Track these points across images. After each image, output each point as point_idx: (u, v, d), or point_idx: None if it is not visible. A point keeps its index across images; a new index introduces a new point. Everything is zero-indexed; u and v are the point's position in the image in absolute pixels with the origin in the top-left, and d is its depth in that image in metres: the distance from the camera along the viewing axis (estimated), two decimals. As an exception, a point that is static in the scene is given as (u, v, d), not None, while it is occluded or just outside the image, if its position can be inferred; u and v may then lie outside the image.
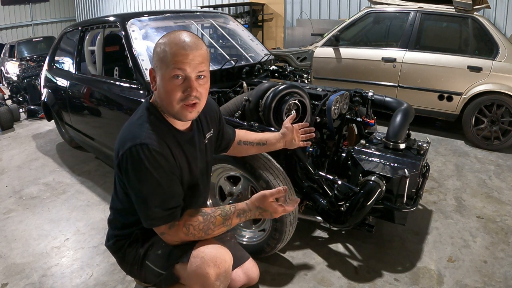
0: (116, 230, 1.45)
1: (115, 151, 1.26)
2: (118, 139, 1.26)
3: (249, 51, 2.96)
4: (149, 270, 1.38)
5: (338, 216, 1.82)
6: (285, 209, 1.28)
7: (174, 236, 1.26)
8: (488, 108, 3.59)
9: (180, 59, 1.17)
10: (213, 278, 1.23)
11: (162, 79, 1.20)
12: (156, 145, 1.19)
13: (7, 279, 1.95)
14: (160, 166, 1.19)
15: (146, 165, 1.17)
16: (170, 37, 1.21)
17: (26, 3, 13.20)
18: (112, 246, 1.45)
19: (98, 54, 3.02)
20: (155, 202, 1.20)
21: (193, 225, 1.24)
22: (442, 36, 4.20)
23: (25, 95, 5.83)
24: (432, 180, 2.92)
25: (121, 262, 1.47)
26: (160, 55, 1.20)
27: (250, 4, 8.05)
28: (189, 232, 1.24)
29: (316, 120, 2.18)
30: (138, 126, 1.24)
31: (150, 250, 1.37)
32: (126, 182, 1.24)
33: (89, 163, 3.51)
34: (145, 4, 10.93)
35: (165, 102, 1.24)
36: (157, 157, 1.18)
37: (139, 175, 1.18)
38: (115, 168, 1.28)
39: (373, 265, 1.95)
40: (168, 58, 1.18)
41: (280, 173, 1.79)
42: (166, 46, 1.19)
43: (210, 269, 1.23)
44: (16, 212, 2.67)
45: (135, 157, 1.17)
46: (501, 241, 2.14)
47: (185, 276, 1.28)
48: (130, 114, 2.39)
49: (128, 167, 1.19)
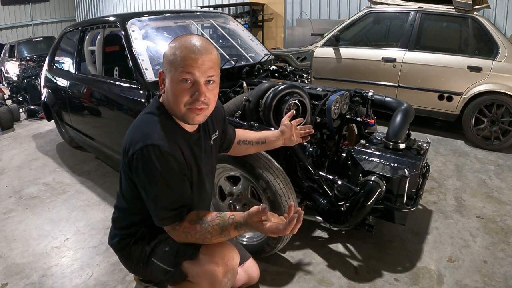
0: (120, 229, 1.45)
1: (123, 148, 1.26)
2: (128, 137, 1.26)
3: (249, 51, 2.96)
4: (155, 267, 1.38)
5: (338, 216, 1.82)
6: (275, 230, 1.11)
7: (177, 236, 1.27)
8: (488, 108, 3.59)
9: (190, 63, 1.17)
10: (221, 275, 1.24)
11: (171, 82, 1.21)
12: (167, 146, 1.19)
13: (7, 279, 1.95)
14: (170, 167, 1.19)
15: (157, 166, 1.17)
16: (181, 41, 1.21)
17: (26, 3, 13.20)
18: (117, 245, 1.45)
19: (98, 54, 3.02)
20: (163, 203, 1.21)
21: (190, 232, 1.23)
22: (442, 36, 4.20)
23: (25, 95, 5.83)
24: (432, 180, 2.92)
25: (126, 260, 1.46)
26: (170, 58, 1.20)
27: (250, 4, 8.05)
28: (187, 238, 1.25)
29: (316, 120, 2.18)
30: (149, 126, 1.24)
31: (157, 247, 1.37)
32: (136, 181, 1.24)
33: (89, 163, 3.51)
34: (145, 4, 10.93)
35: (172, 105, 1.24)
36: (168, 158, 1.18)
37: (149, 176, 1.19)
38: (123, 165, 1.28)
39: (373, 265, 1.95)
40: (177, 61, 1.17)
41: (280, 173, 1.79)
42: (177, 50, 1.19)
43: (219, 267, 1.24)
44: (16, 212, 2.67)
45: (146, 158, 1.17)
46: (501, 241, 2.14)
47: (193, 273, 1.29)
48: (130, 114, 2.44)
49: (139, 167, 1.19)
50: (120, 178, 1.38)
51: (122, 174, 1.32)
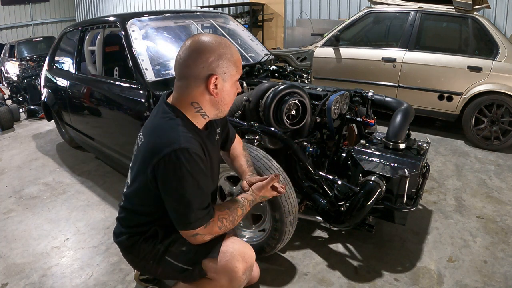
0: (128, 228, 1.45)
1: (146, 155, 1.25)
2: (149, 144, 1.26)
3: (249, 51, 2.96)
4: (169, 265, 1.40)
5: (338, 216, 1.82)
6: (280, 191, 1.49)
7: (206, 235, 1.29)
8: (488, 108, 3.59)
9: (240, 64, 1.31)
10: (241, 272, 1.32)
11: (232, 83, 1.31)
12: (195, 148, 1.23)
13: (7, 279, 1.95)
14: (200, 168, 1.23)
15: (188, 169, 1.19)
16: (225, 42, 1.28)
17: (26, 3, 13.19)
18: (125, 242, 1.44)
19: (98, 54, 3.02)
20: (197, 204, 1.24)
21: (225, 217, 1.33)
22: (442, 36, 4.20)
23: (25, 95, 5.83)
24: (432, 180, 2.92)
25: (133, 258, 1.46)
26: (230, 58, 1.27)
27: (250, 4, 8.05)
28: (222, 225, 1.32)
29: (316, 120, 2.18)
30: (171, 130, 1.24)
31: (172, 246, 1.39)
32: (162, 187, 1.24)
33: (89, 163, 3.51)
34: (145, 4, 10.93)
35: (225, 105, 1.33)
36: (197, 159, 1.22)
37: (180, 180, 1.20)
38: (143, 171, 1.27)
39: (373, 265, 1.95)
40: (236, 61, 1.29)
41: (280, 173, 1.79)
42: (231, 50, 1.27)
43: (239, 264, 1.32)
44: (16, 212, 2.67)
45: (175, 162, 1.18)
46: (501, 241, 2.14)
47: (213, 270, 1.34)
48: (130, 114, 2.44)
49: (168, 173, 1.20)
50: (130, 181, 1.39)
51: (141, 179, 1.31)
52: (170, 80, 2.32)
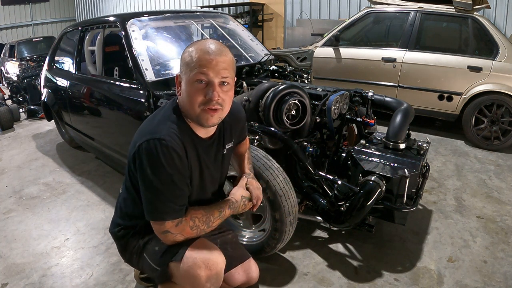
0: (121, 219, 1.46)
1: (132, 142, 1.29)
2: (138, 131, 1.30)
3: (249, 51, 2.96)
4: (146, 262, 1.40)
5: (338, 216, 1.82)
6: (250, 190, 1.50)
7: (177, 234, 1.26)
8: (488, 108, 3.59)
9: (204, 63, 1.20)
10: (204, 280, 1.24)
11: (187, 83, 1.24)
12: (173, 142, 1.21)
13: (7, 279, 1.95)
14: (174, 163, 1.21)
15: (161, 159, 1.19)
16: (198, 44, 1.25)
17: (26, 3, 13.19)
18: (117, 233, 1.47)
19: (98, 54, 3.02)
20: (168, 196, 1.22)
21: (198, 217, 1.29)
22: (442, 36, 4.20)
23: (25, 95, 5.83)
24: (432, 180, 2.92)
25: (122, 250, 1.49)
26: (186, 60, 1.24)
27: (250, 4, 8.05)
28: (194, 225, 1.28)
29: (316, 120, 2.18)
30: (160, 122, 1.27)
31: (149, 244, 1.39)
32: (139, 174, 1.25)
33: (89, 163, 3.51)
34: (145, 4, 10.93)
35: (188, 106, 1.26)
36: (173, 154, 1.21)
37: (153, 168, 1.20)
38: (129, 158, 1.30)
39: (373, 265, 1.95)
40: (193, 62, 1.21)
41: (280, 173, 1.79)
42: (192, 52, 1.23)
43: (201, 271, 1.25)
44: (16, 212, 2.67)
45: (151, 150, 1.19)
46: (501, 241, 2.14)
47: (177, 275, 1.30)
48: (130, 114, 2.44)
49: (143, 158, 1.21)
50: (125, 171, 1.40)
51: (127, 167, 1.34)
52: (170, 80, 2.33)
